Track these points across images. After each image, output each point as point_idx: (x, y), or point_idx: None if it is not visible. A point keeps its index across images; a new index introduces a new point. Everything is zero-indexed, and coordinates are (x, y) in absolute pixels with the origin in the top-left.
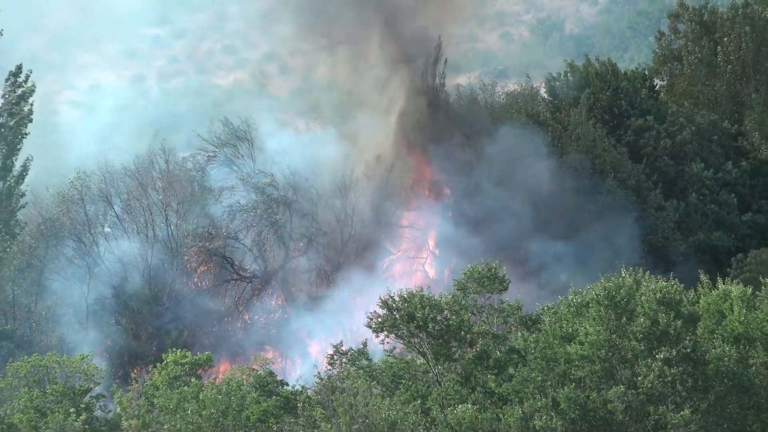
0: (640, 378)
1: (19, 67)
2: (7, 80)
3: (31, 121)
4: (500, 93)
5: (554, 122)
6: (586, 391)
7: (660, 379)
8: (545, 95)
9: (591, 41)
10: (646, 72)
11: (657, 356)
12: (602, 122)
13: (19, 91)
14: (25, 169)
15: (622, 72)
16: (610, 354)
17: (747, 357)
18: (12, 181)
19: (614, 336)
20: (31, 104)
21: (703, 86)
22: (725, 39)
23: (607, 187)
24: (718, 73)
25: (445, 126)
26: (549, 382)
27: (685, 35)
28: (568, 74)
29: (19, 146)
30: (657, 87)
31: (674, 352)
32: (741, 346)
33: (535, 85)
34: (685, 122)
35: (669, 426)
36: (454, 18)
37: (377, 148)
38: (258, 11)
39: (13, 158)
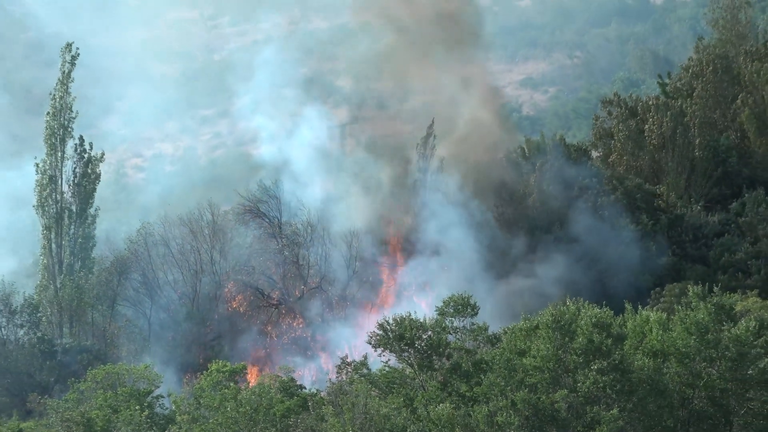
0: (579, 384)
1: (82, 138)
2: (75, 150)
3: (99, 181)
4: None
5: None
6: (538, 394)
7: (594, 385)
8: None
9: (543, 121)
10: (587, 145)
11: (592, 367)
12: (554, 183)
13: (86, 157)
14: (95, 217)
15: (568, 145)
16: (556, 365)
17: (662, 368)
18: (87, 227)
19: (559, 351)
20: (99, 168)
21: (629, 156)
22: (648, 120)
23: (556, 234)
24: (641, 146)
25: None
26: (509, 387)
27: (616, 117)
28: (525, 148)
29: (90, 200)
30: (594, 157)
31: (605, 364)
32: (658, 359)
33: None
34: (617, 184)
35: (602, 422)
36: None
37: (380, 207)
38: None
39: (87, 210)
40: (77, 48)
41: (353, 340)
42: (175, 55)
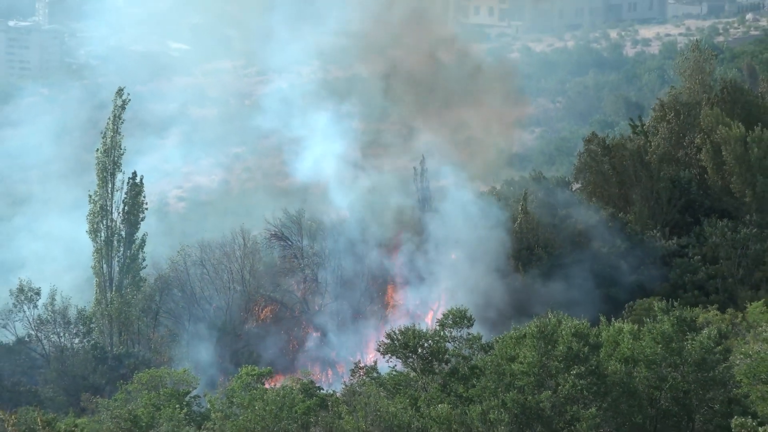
0: (560, 386)
1: (134, 173)
2: (127, 182)
3: (146, 209)
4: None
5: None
6: (525, 395)
7: (574, 387)
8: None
9: (530, 157)
10: (568, 179)
11: (572, 371)
12: (542, 209)
13: (135, 189)
14: (143, 241)
15: (548, 178)
16: (541, 370)
17: (632, 372)
18: (134, 249)
19: (543, 358)
20: (144, 199)
21: (603, 189)
22: (616, 158)
23: (538, 254)
24: (610, 180)
25: None
26: (499, 389)
27: (594, 154)
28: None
29: (138, 226)
30: (574, 189)
31: (583, 369)
32: (629, 365)
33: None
34: (593, 213)
35: (581, 419)
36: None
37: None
38: None
39: (135, 234)
40: (128, 93)
41: (364, 348)
42: (211, 100)
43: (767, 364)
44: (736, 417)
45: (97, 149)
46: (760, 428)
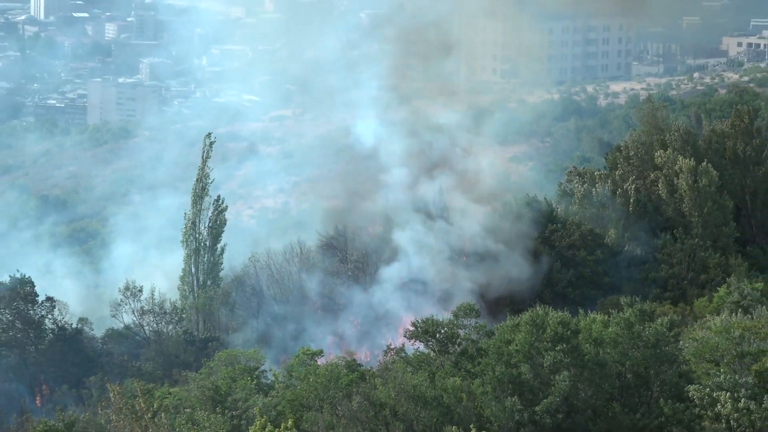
0: (545, 360)
1: (219, 196)
2: (212, 204)
3: (225, 223)
4: None
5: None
6: (519, 368)
7: (556, 361)
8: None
9: (524, 186)
10: (553, 203)
11: (556, 348)
12: (531, 227)
13: (218, 209)
14: (222, 250)
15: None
16: (531, 349)
17: (602, 351)
18: (216, 256)
19: (533, 339)
20: (225, 217)
21: (584, 210)
22: (596, 185)
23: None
24: (593, 203)
25: None
26: (498, 366)
27: (576, 182)
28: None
29: (219, 238)
30: (559, 210)
31: (565, 347)
32: (597, 346)
33: None
34: (575, 228)
35: (554, 383)
36: None
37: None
38: None
39: (217, 244)
40: (214, 136)
41: (395, 333)
42: (276, 140)
43: (709, 346)
44: (691, 386)
45: (197, 179)
46: (717, 393)
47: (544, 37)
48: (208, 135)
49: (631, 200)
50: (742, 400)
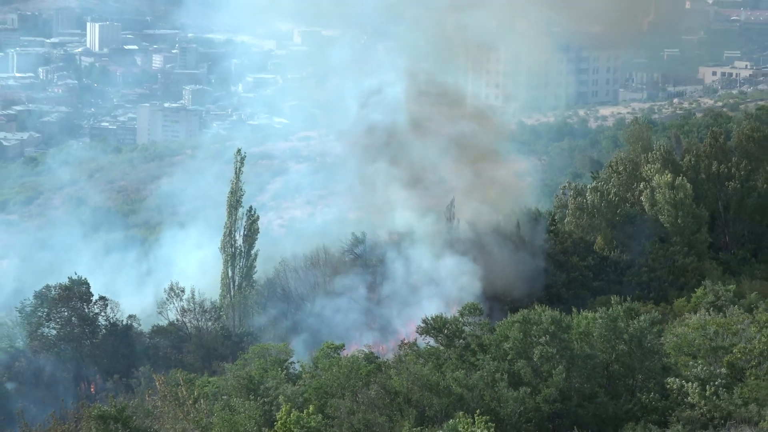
0: (537, 353)
1: (251, 207)
2: (246, 214)
3: (257, 232)
4: None
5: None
6: (517, 363)
7: (547, 353)
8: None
9: (525, 198)
10: (550, 212)
11: (546, 344)
12: (530, 236)
13: (251, 219)
14: (256, 255)
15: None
16: (525, 344)
17: (586, 346)
18: (250, 261)
19: (526, 335)
20: (257, 226)
21: (577, 220)
22: (587, 197)
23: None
24: (585, 213)
25: None
26: (496, 359)
27: (569, 196)
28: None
29: (253, 244)
30: (556, 217)
31: (555, 340)
32: (584, 339)
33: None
34: (568, 236)
35: (553, 375)
36: None
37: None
38: None
39: (251, 251)
40: (244, 153)
41: (408, 329)
42: (303, 158)
43: (687, 341)
44: (669, 378)
45: (230, 191)
46: (686, 385)
47: (541, 67)
48: (238, 151)
49: (617, 211)
50: (710, 389)
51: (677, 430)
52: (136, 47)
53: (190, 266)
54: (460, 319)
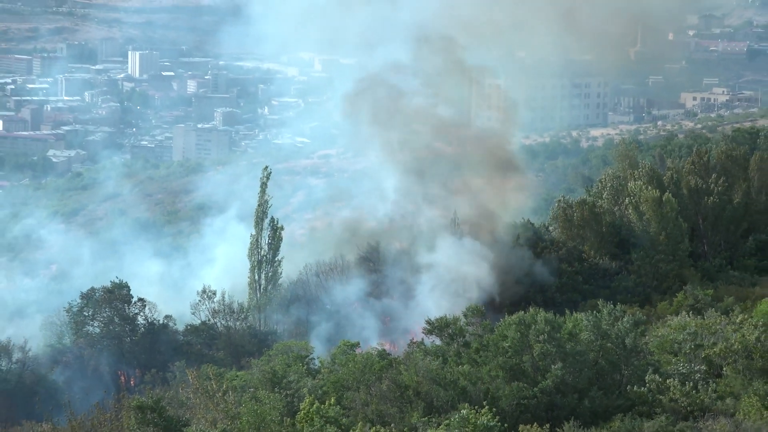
0: (537, 350)
1: (275, 218)
2: (270, 224)
3: (281, 240)
4: None
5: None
6: (517, 359)
7: (543, 351)
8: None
9: (523, 212)
10: (546, 223)
11: (544, 342)
12: (527, 245)
13: (275, 229)
14: (280, 261)
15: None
16: (522, 342)
17: (581, 343)
18: (275, 266)
19: (523, 335)
20: (281, 235)
21: (569, 231)
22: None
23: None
24: (577, 224)
25: None
26: (496, 356)
27: (563, 208)
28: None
29: (277, 252)
30: (552, 228)
31: (551, 340)
32: (572, 341)
33: None
34: (561, 245)
35: (551, 372)
36: None
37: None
38: None
39: (276, 257)
40: (270, 169)
41: (417, 329)
42: (322, 174)
43: (670, 341)
44: (648, 374)
45: (258, 205)
46: (667, 381)
47: (537, 92)
48: (265, 168)
49: (605, 222)
50: (688, 384)
51: (661, 421)
52: (172, 74)
53: (220, 271)
54: (463, 319)
